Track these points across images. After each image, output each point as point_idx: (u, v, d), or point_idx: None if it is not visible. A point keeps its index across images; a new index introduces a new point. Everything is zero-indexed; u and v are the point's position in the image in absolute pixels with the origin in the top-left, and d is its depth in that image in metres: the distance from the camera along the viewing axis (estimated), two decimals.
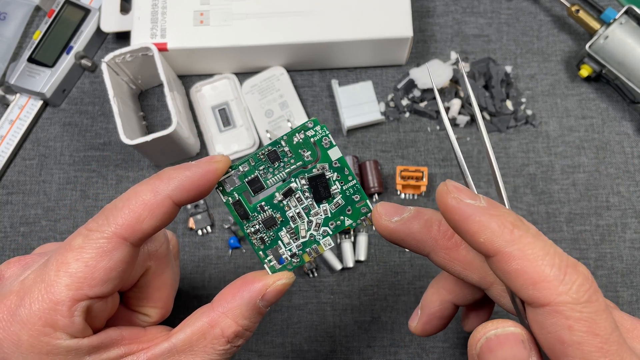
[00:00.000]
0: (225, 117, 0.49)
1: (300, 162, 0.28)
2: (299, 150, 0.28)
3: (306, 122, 0.28)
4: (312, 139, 0.28)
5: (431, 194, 0.47)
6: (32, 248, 0.47)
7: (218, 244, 0.47)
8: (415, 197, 0.47)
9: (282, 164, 0.28)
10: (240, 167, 0.28)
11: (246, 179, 0.28)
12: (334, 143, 0.28)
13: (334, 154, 0.28)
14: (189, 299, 0.45)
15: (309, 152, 0.28)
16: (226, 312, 0.27)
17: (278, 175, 0.28)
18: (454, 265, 0.27)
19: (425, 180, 0.46)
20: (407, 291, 0.45)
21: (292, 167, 0.28)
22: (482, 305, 0.31)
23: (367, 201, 0.28)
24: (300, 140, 0.28)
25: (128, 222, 0.25)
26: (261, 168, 0.28)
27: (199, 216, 0.46)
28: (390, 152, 0.48)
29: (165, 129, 0.43)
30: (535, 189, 0.47)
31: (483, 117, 0.48)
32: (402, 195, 0.47)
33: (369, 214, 0.28)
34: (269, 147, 0.28)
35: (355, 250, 0.45)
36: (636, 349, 0.24)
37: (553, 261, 0.22)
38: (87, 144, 0.49)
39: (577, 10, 0.48)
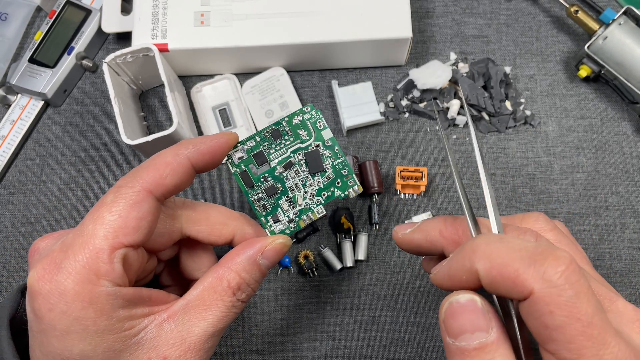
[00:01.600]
0: (225, 118, 0.49)
1: (299, 140, 0.33)
2: (297, 130, 0.33)
3: (304, 107, 0.33)
4: (308, 121, 0.33)
5: (430, 194, 0.47)
6: None
7: None
8: (415, 196, 0.47)
9: (283, 141, 0.33)
10: (247, 143, 0.33)
11: (252, 153, 0.33)
12: (326, 125, 0.33)
13: (327, 134, 0.33)
14: None
15: (306, 132, 0.33)
16: (230, 267, 0.31)
17: (279, 151, 0.33)
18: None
19: (424, 180, 0.46)
20: (406, 290, 0.45)
21: (291, 144, 0.33)
22: None
23: (354, 174, 0.33)
24: (299, 121, 0.33)
25: (152, 178, 0.29)
26: (265, 144, 0.33)
27: None
28: (389, 152, 0.48)
29: (166, 129, 0.43)
30: (534, 189, 0.47)
31: (482, 118, 0.48)
32: (402, 195, 0.47)
33: (355, 187, 0.33)
34: (273, 127, 0.33)
35: (355, 250, 0.46)
36: (633, 340, 0.24)
37: (520, 255, 0.22)
38: (88, 144, 0.49)
39: (576, 11, 0.48)
